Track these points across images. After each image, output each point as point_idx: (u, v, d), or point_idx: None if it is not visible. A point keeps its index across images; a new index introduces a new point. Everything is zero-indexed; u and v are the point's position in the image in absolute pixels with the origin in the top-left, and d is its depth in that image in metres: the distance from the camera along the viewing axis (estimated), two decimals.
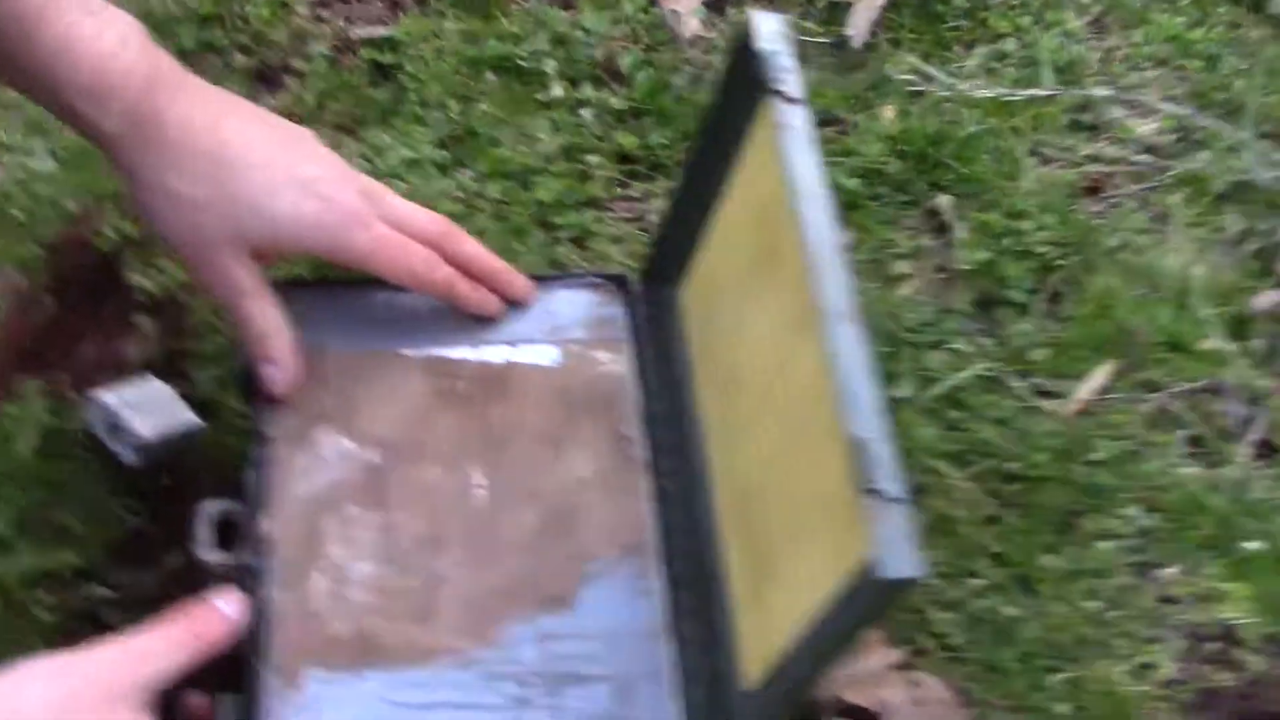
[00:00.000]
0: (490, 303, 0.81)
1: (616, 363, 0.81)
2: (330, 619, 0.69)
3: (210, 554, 0.75)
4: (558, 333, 0.81)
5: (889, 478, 0.53)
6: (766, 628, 0.66)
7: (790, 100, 0.66)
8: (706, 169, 0.77)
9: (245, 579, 0.71)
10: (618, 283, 0.85)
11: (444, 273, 0.77)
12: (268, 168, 0.72)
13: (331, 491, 0.74)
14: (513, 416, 0.78)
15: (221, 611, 0.66)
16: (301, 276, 0.87)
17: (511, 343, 0.81)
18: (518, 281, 0.82)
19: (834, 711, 0.77)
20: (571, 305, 0.83)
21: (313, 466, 0.75)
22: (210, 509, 0.76)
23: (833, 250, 0.61)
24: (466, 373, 0.79)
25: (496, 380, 0.79)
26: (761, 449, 0.70)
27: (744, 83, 0.70)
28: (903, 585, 0.52)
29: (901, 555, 0.51)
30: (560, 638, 0.70)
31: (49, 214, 1.01)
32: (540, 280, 0.83)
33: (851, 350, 0.58)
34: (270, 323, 0.75)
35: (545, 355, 0.80)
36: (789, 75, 0.67)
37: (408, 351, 0.80)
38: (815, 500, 0.61)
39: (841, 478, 0.55)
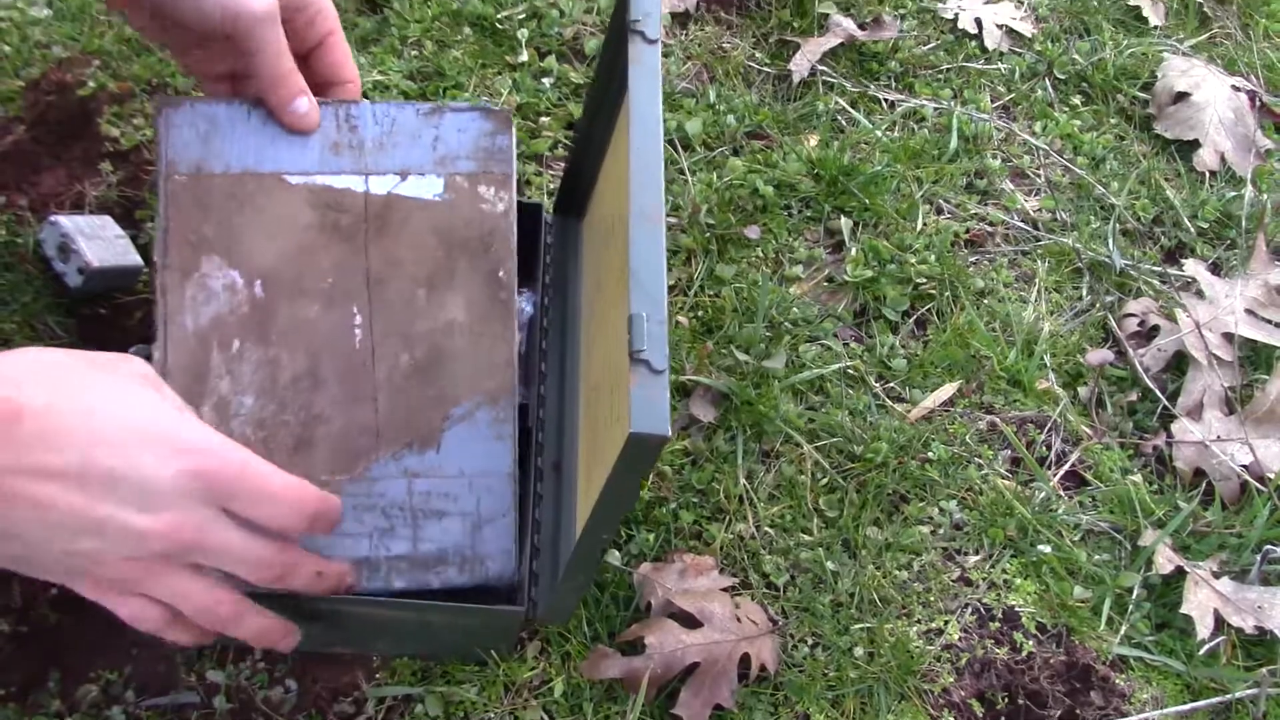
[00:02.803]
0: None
1: (500, 200, 0.82)
2: None
3: None
4: (445, 164, 0.83)
5: (656, 352, 0.61)
6: (589, 504, 0.75)
7: (648, 40, 0.75)
8: (601, 110, 0.87)
9: None
10: (503, 119, 0.86)
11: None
12: None
13: (218, 324, 0.77)
14: (392, 254, 0.80)
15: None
16: (175, 92, 0.89)
17: (400, 173, 0.82)
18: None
19: (665, 612, 0.86)
20: (461, 134, 0.83)
21: (200, 298, 0.77)
22: (138, 350, 0.84)
23: (653, 165, 0.69)
24: (349, 205, 0.80)
25: (378, 215, 0.81)
26: (604, 348, 0.79)
27: (621, 26, 0.78)
28: (653, 442, 0.59)
29: (654, 416, 0.59)
30: (423, 476, 0.77)
31: (36, 56, 1.08)
32: (434, 108, 0.83)
33: (648, 245, 0.65)
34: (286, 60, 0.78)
35: (430, 188, 0.82)
36: (649, 18, 0.75)
37: (292, 178, 0.80)
38: (624, 383, 0.67)
39: None
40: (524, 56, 1.19)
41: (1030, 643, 0.92)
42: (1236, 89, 1.33)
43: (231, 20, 0.74)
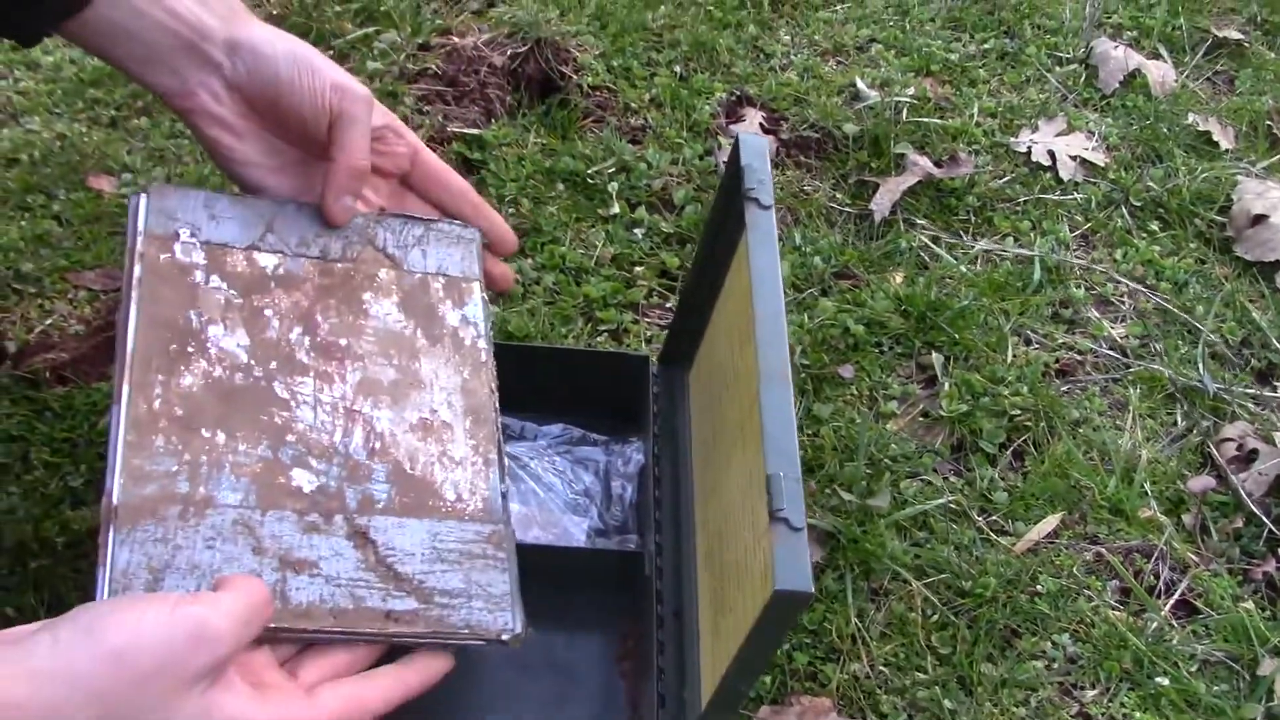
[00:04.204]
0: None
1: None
2: None
3: None
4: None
5: (794, 509, 0.64)
6: (718, 653, 0.77)
7: (762, 206, 0.80)
8: (708, 266, 0.91)
9: None
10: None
11: None
12: None
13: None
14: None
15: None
16: None
17: None
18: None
19: None
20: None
21: None
22: None
23: (776, 326, 0.73)
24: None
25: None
26: (726, 500, 0.82)
27: (735, 193, 0.83)
28: (798, 599, 0.62)
29: (797, 574, 0.62)
30: None
31: None
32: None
33: (779, 405, 0.69)
34: None
35: None
36: (763, 186, 0.80)
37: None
38: (754, 539, 0.71)
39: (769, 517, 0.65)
40: (615, 209, 1.24)
41: None
42: None
43: (339, 97, 0.78)
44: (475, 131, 1.26)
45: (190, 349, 0.73)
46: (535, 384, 0.98)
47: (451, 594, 0.71)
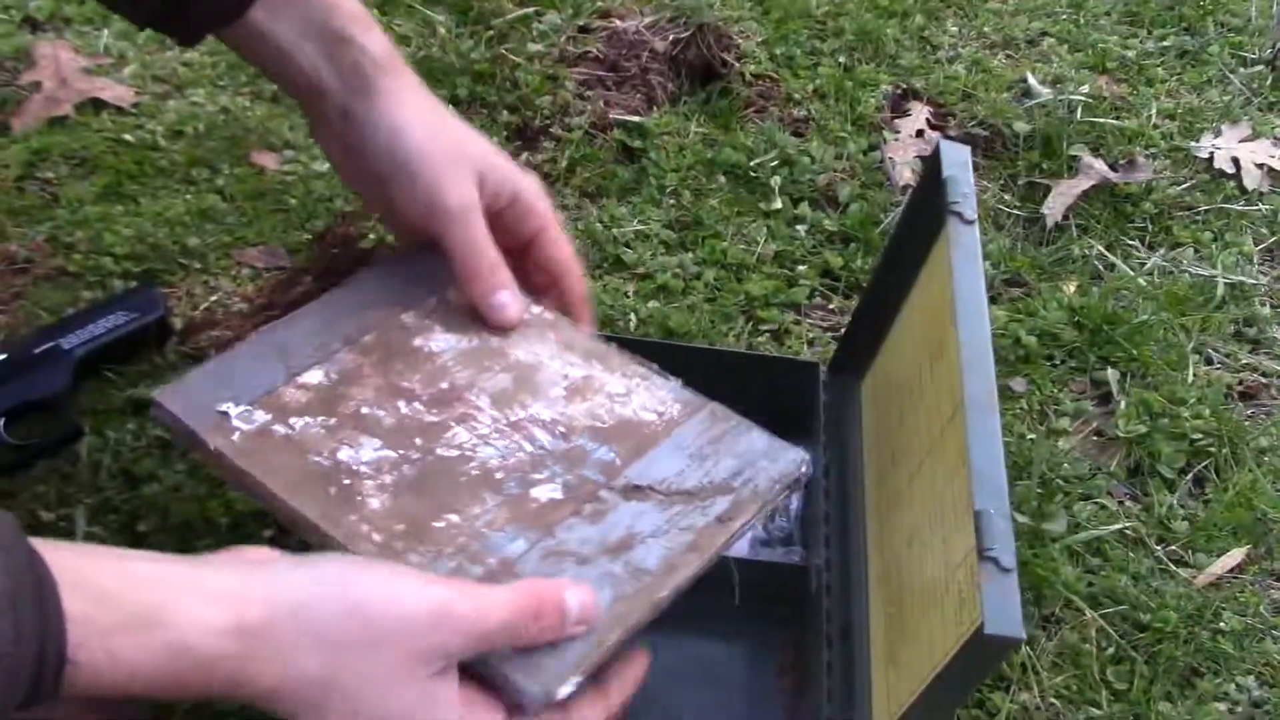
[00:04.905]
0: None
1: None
2: None
3: None
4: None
5: (1004, 549, 0.61)
6: (897, 682, 0.74)
7: (966, 221, 0.76)
8: (894, 275, 0.87)
9: None
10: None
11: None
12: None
13: None
14: None
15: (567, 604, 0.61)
16: None
17: None
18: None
19: None
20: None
21: None
22: None
23: (983, 351, 0.70)
24: None
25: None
26: (908, 521, 0.78)
27: (930, 202, 0.80)
28: (1006, 643, 0.59)
29: (1007, 617, 0.58)
30: None
31: (319, 209, 1.13)
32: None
33: (987, 436, 0.66)
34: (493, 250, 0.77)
35: None
36: (967, 200, 0.76)
37: None
38: (946, 568, 0.68)
39: (969, 549, 0.63)
40: (777, 204, 1.20)
41: None
42: None
43: (428, 214, 0.76)
44: (637, 119, 1.24)
45: (346, 480, 0.68)
46: (698, 386, 0.95)
47: (739, 472, 0.71)
